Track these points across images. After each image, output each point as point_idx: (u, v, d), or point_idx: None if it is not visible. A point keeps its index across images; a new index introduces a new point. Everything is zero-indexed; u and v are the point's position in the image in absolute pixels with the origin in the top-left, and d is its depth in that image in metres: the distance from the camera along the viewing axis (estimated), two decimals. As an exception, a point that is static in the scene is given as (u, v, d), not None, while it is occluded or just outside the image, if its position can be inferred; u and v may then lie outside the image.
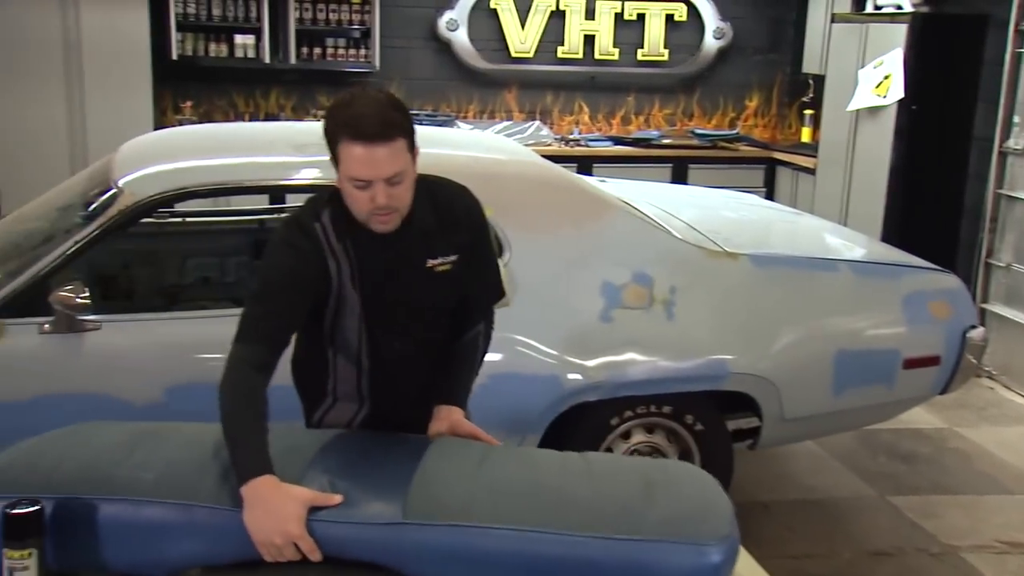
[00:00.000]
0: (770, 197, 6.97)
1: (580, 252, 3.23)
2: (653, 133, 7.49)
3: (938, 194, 5.97)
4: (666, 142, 7.37)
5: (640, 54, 7.53)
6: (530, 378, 3.05)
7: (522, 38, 7.32)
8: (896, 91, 5.83)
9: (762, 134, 7.85)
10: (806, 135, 7.52)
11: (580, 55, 7.44)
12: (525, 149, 3.77)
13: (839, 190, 6.43)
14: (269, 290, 1.98)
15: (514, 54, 7.33)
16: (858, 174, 6.28)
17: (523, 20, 7.29)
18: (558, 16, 7.33)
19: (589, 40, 7.42)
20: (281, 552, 1.76)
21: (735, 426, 3.37)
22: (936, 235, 5.86)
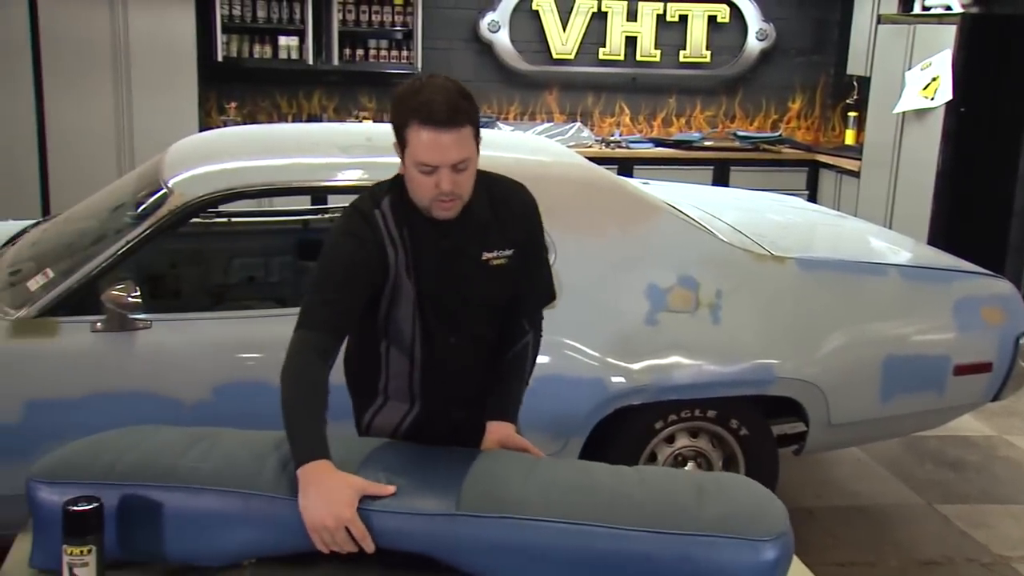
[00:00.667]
0: (812, 200, 6.90)
1: (625, 255, 3.21)
2: (694, 135, 7.45)
3: (987, 197, 5.89)
4: (707, 144, 7.32)
5: (682, 55, 7.49)
6: (574, 381, 3.03)
7: (563, 39, 7.31)
8: (944, 93, 5.74)
9: (805, 136, 7.77)
10: (850, 137, 7.45)
11: (621, 56, 7.42)
12: (569, 151, 3.75)
13: (884, 193, 6.35)
14: (330, 278, 1.99)
15: (555, 55, 7.33)
16: (904, 177, 6.19)
17: (564, 21, 7.29)
18: (600, 17, 7.32)
19: (631, 41, 7.40)
20: (333, 537, 1.74)
21: (780, 431, 3.34)
22: (985, 239, 5.77)
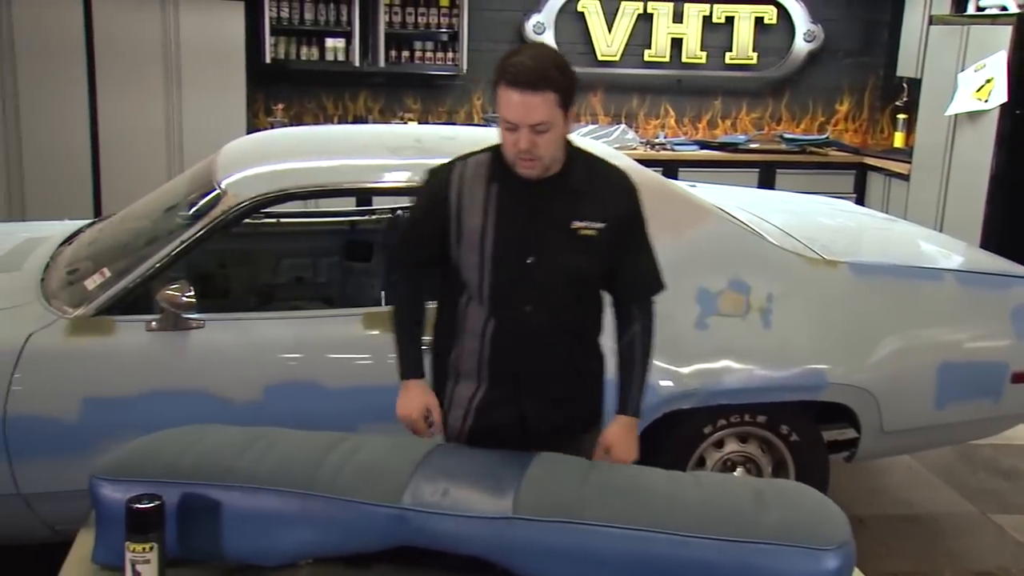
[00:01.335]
0: (860, 203, 6.81)
1: (676, 258, 3.14)
2: (740, 137, 7.38)
3: (1042, 201, 5.77)
4: (753, 146, 7.26)
5: (728, 57, 7.43)
6: (624, 384, 3.01)
7: (608, 41, 7.29)
8: (999, 95, 5.64)
9: (853, 139, 7.68)
10: (899, 140, 7.34)
11: (667, 58, 7.37)
12: (619, 154, 3.73)
13: (934, 196, 6.24)
14: (407, 225, 2.44)
15: (600, 57, 7.30)
16: (955, 180, 6.09)
17: (610, 23, 7.26)
18: (645, 19, 7.28)
19: (676, 43, 7.35)
20: (414, 425, 2.25)
21: (831, 437, 3.30)
22: (1040, 244, 5.65)
